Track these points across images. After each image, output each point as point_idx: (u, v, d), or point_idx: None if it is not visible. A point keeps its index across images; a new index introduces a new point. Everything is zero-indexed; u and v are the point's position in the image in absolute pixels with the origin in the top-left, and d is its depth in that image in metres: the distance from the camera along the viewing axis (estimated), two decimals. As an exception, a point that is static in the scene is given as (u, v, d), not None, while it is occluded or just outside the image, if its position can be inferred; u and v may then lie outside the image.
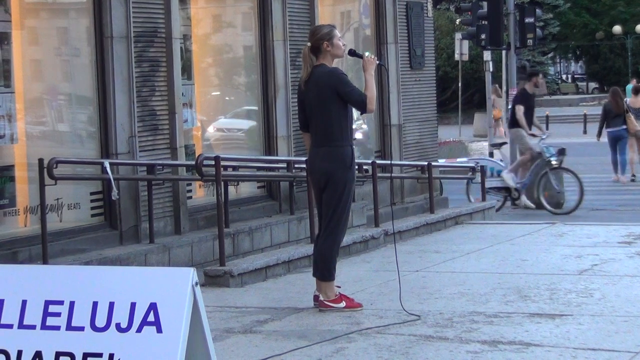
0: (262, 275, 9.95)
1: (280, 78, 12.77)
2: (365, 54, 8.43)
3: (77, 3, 10.74)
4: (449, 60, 51.12)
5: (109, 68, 10.38)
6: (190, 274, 4.33)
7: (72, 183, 10.22)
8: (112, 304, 4.34)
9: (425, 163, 14.79)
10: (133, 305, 4.31)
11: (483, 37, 20.44)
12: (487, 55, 29.58)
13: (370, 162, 12.88)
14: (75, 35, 10.64)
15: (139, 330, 4.29)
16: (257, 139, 13.01)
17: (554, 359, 6.48)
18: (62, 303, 4.41)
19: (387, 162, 14.13)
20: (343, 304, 8.19)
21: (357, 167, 9.72)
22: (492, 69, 30.41)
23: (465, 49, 38.13)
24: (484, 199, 16.23)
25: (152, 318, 4.28)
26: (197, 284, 4.33)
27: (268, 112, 12.80)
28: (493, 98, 32.33)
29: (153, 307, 4.29)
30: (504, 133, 34.74)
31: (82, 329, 4.35)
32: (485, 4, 20.50)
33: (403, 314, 7.87)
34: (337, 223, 8.25)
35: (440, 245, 12.19)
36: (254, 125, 13.06)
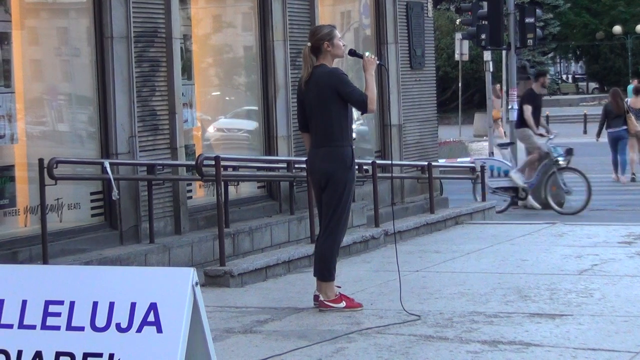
0: (262, 275, 9.95)
1: (281, 78, 12.77)
2: (366, 54, 8.43)
3: (77, 3, 10.74)
4: (449, 60, 51.14)
5: (109, 68, 10.38)
6: (190, 274, 4.33)
7: (72, 183, 10.22)
8: (112, 304, 4.34)
9: (426, 163, 14.80)
10: (133, 305, 4.31)
11: (483, 37, 20.42)
12: (487, 56, 29.57)
13: (370, 162, 12.88)
14: (76, 35, 10.64)
15: (139, 330, 4.29)
16: (257, 139, 13.01)
17: (554, 359, 6.48)
18: (62, 303, 4.41)
19: (387, 162, 14.14)
20: (343, 304, 8.19)
21: (357, 167, 9.72)
22: (492, 69, 30.40)
23: (466, 49, 38.15)
24: (484, 199, 16.23)
25: (152, 318, 4.28)
26: (197, 284, 4.33)
27: (268, 112, 12.80)
28: (492, 99, 32.33)
29: (153, 307, 4.29)
30: (504, 133, 34.79)
31: (82, 329, 4.36)
32: (486, 4, 20.48)
33: (403, 314, 7.87)
34: (337, 223, 8.25)
35: (441, 245, 12.19)
36: (254, 125, 13.06)
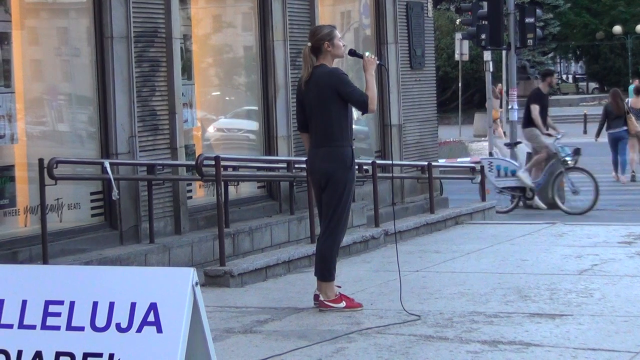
0: (262, 275, 9.95)
1: (281, 78, 12.77)
2: (366, 54, 8.43)
3: (77, 3, 10.74)
4: (449, 60, 51.14)
5: (109, 68, 10.38)
6: (190, 274, 4.32)
7: (72, 183, 10.22)
8: (112, 304, 4.34)
9: (426, 163, 14.80)
10: (133, 305, 4.31)
11: (483, 37, 20.43)
12: (487, 55, 29.58)
13: (370, 162, 12.88)
14: (76, 35, 10.64)
15: (139, 330, 4.29)
16: (257, 139, 13.01)
17: (554, 359, 6.48)
18: (62, 303, 4.41)
19: (387, 162, 14.14)
20: (343, 304, 8.19)
21: (357, 167, 9.72)
22: (492, 69, 30.41)
23: (466, 49, 38.16)
24: (484, 199, 16.22)
25: (152, 318, 4.28)
26: (197, 284, 4.33)
27: (268, 112, 12.80)
28: (492, 99, 32.34)
29: (153, 307, 4.29)
30: (503, 133, 34.80)
31: (82, 329, 4.35)
32: (486, 4, 20.49)
33: (403, 314, 7.87)
34: (337, 223, 8.25)
35: (441, 245, 12.19)
36: (254, 125, 13.06)
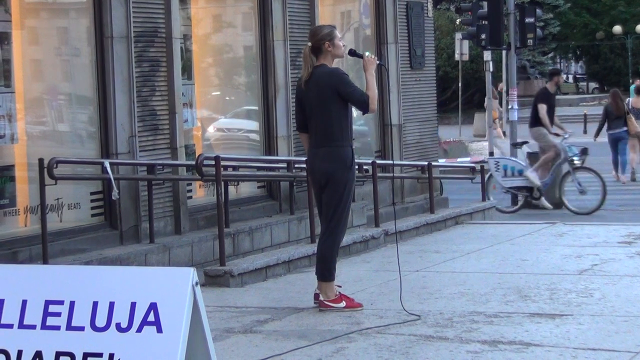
0: (262, 275, 9.95)
1: (281, 78, 12.76)
2: (366, 54, 8.42)
3: (77, 3, 10.74)
4: (449, 60, 51.13)
5: (109, 68, 10.38)
6: (191, 274, 4.32)
7: (72, 183, 10.22)
8: (112, 304, 4.34)
9: (426, 163, 14.80)
10: (133, 305, 4.31)
11: (483, 37, 20.43)
12: (487, 55, 29.60)
13: (370, 162, 12.88)
14: (76, 35, 10.64)
15: (139, 330, 4.29)
16: (257, 139, 13.01)
17: (554, 359, 6.48)
18: (62, 303, 4.41)
19: (388, 162, 14.14)
20: (343, 304, 8.19)
21: (357, 167, 9.72)
22: (492, 69, 30.42)
23: (466, 49, 38.16)
24: (484, 199, 16.22)
25: (152, 318, 4.28)
26: (197, 284, 4.33)
27: (268, 112, 12.80)
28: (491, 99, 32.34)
29: (153, 307, 4.29)
30: (502, 133, 34.79)
31: (82, 329, 4.35)
32: (486, 4, 20.49)
33: (403, 314, 7.86)
34: (337, 223, 8.25)
35: (441, 245, 12.19)
36: (254, 125, 13.06)
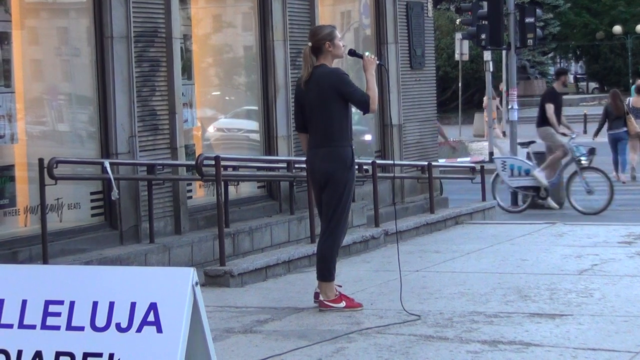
0: (262, 275, 9.95)
1: (281, 78, 12.76)
2: (365, 54, 8.42)
3: (77, 3, 10.74)
4: (449, 60, 51.12)
5: (109, 68, 10.38)
6: (190, 274, 4.32)
7: (72, 183, 10.22)
8: (112, 304, 4.34)
9: (426, 163, 14.80)
10: (133, 305, 4.31)
11: (483, 37, 20.42)
12: (487, 55, 29.63)
13: (370, 162, 12.87)
14: (75, 35, 10.64)
15: (139, 330, 4.29)
16: (257, 139, 13.01)
17: (554, 359, 6.48)
18: (62, 303, 4.41)
19: (388, 162, 14.14)
20: (343, 304, 8.19)
21: (357, 167, 9.72)
22: (492, 69, 30.43)
23: (466, 49, 38.15)
24: (484, 199, 16.21)
25: (152, 318, 4.28)
26: (197, 284, 4.33)
27: (268, 112, 12.80)
28: (491, 99, 32.34)
29: (153, 307, 4.29)
30: (502, 133, 34.79)
31: (82, 329, 4.35)
32: (486, 4, 20.48)
33: (403, 314, 7.86)
34: (337, 223, 8.25)
35: (441, 245, 12.19)
36: (254, 125, 13.06)
